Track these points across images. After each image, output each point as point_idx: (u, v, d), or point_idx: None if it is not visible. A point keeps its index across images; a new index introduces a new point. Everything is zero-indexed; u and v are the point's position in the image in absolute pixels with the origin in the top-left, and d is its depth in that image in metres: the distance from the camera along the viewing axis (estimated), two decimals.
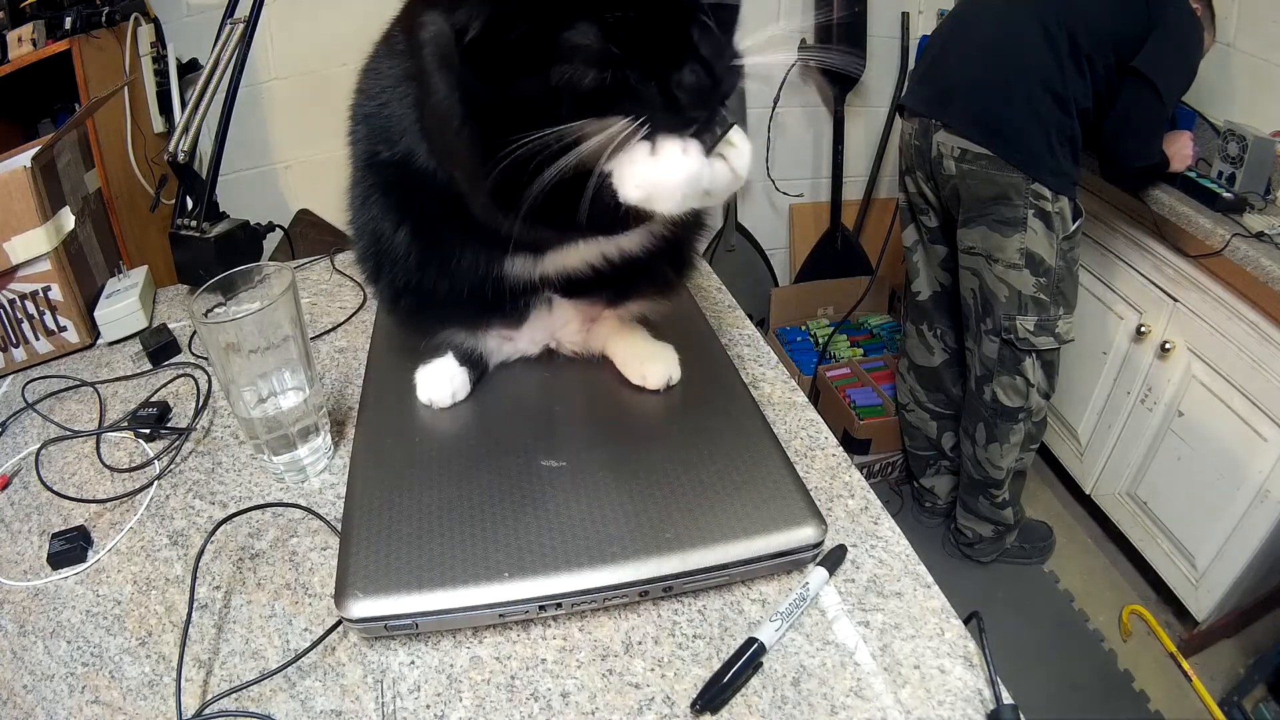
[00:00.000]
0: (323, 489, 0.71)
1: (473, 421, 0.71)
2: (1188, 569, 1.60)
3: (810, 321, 2.45)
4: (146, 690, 0.55)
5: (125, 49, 1.57)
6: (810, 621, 0.57)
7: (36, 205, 0.87)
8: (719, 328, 0.88)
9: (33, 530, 0.70)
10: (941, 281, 1.75)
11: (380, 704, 0.53)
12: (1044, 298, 1.49)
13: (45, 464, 0.77)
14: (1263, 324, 1.37)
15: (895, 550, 0.63)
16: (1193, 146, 1.51)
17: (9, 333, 0.91)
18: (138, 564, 0.65)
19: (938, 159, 1.54)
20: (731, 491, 0.61)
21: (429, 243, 0.63)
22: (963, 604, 0.58)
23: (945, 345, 1.80)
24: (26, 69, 1.37)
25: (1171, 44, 1.37)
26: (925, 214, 1.69)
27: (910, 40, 2.24)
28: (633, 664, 0.55)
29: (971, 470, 1.74)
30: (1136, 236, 1.65)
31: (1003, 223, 1.47)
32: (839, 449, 0.73)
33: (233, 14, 1.06)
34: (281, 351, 0.66)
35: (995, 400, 1.61)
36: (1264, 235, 1.36)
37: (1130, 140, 1.45)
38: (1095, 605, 1.78)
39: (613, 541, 0.57)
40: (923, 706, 0.51)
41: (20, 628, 0.61)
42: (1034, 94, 1.40)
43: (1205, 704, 1.51)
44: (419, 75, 0.52)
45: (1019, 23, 1.42)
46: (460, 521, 0.59)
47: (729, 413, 0.69)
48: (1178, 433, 1.59)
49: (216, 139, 1.09)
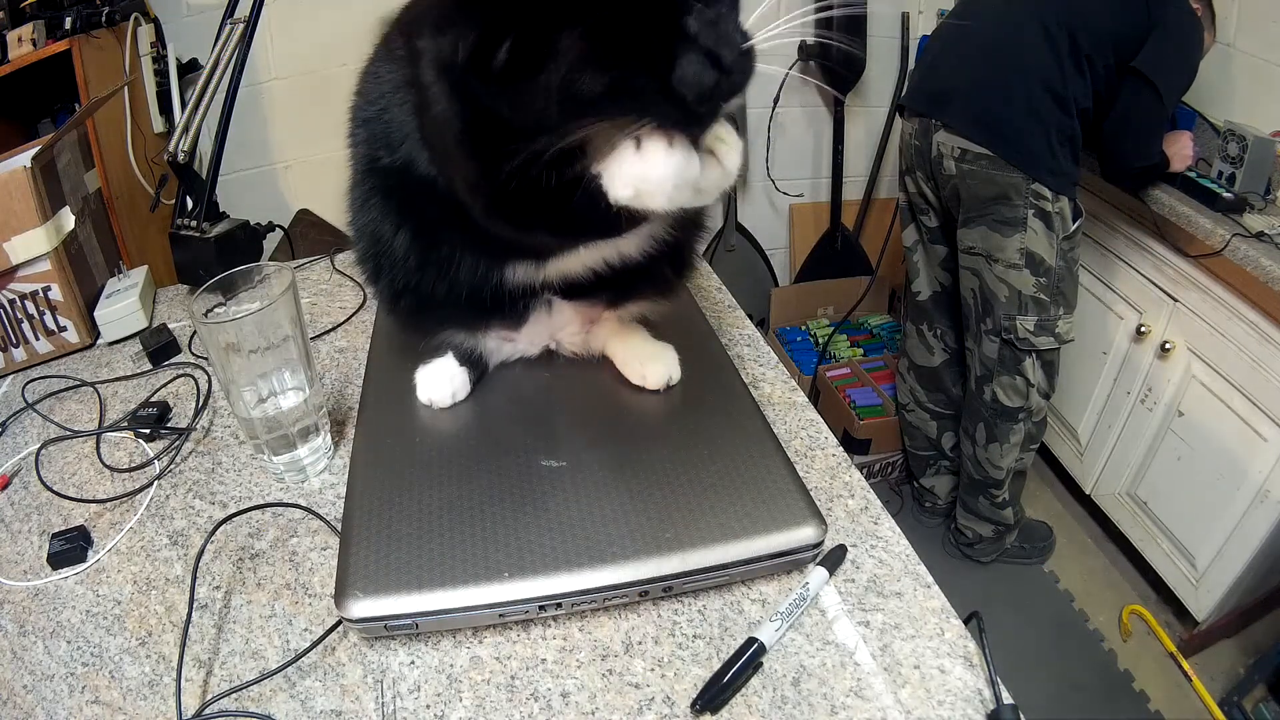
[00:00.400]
0: (323, 489, 0.71)
1: (473, 421, 0.71)
2: (1188, 569, 1.60)
3: (810, 321, 2.45)
4: (146, 690, 0.55)
5: (125, 49, 1.57)
6: (810, 621, 0.57)
7: (36, 205, 0.87)
8: (719, 328, 0.88)
9: (33, 530, 0.70)
10: (941, 281, 1.75)
11: (380, 704, 0.53)
12: (1044, 298, 1.49)
13: (45, 464, 0.77)
14: (1263, 324, 1.37)
15: (895, 550, 0.63)
16: (1193, 146, 1.51)
17: (9, 333, 0.91)
18: (138, 564, 0.65)
19: (938, 159, 1.54)
20: (731, 491, 0.60)
21: (428, 246, 0.63)
22: (963, 604, 0.58)
23: (945, 345, 1.80)
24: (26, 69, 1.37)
25: (1172, 44, 1.37)
26: (925, 214, 1.69)
27: (910, 40, 2.24)
28: (633, 664, 0.55)
29: (971, 470, 1.74)
30: (1136, 236, 1.65)
31: (1003, 223, 1.47)
32: (839, 449, 0.73)
33: (233, 14, 1.06)
34: (281, 351, 0.66)
35: (995, 400, 1.61)
36: (1264, 235, 1.36)
37: (1130, 140, 1.45)
38: (1095, 605, 1.78)
39: (613, 541, 0.57)
40: (923, 706, 0.51)
41: (20, 628, 0.61)
42: (1034, 94, 1.40)
43: (1205, 704, 1.51)
44: (418, 85, 0.52)
45: (1019, 23, 1.42)
46: (460, 521, 0.59)
47: (729, 413, 0.69)
48: (1178, 433, 1.59)
49: (216, 139, 1.09)
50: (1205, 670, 1.58)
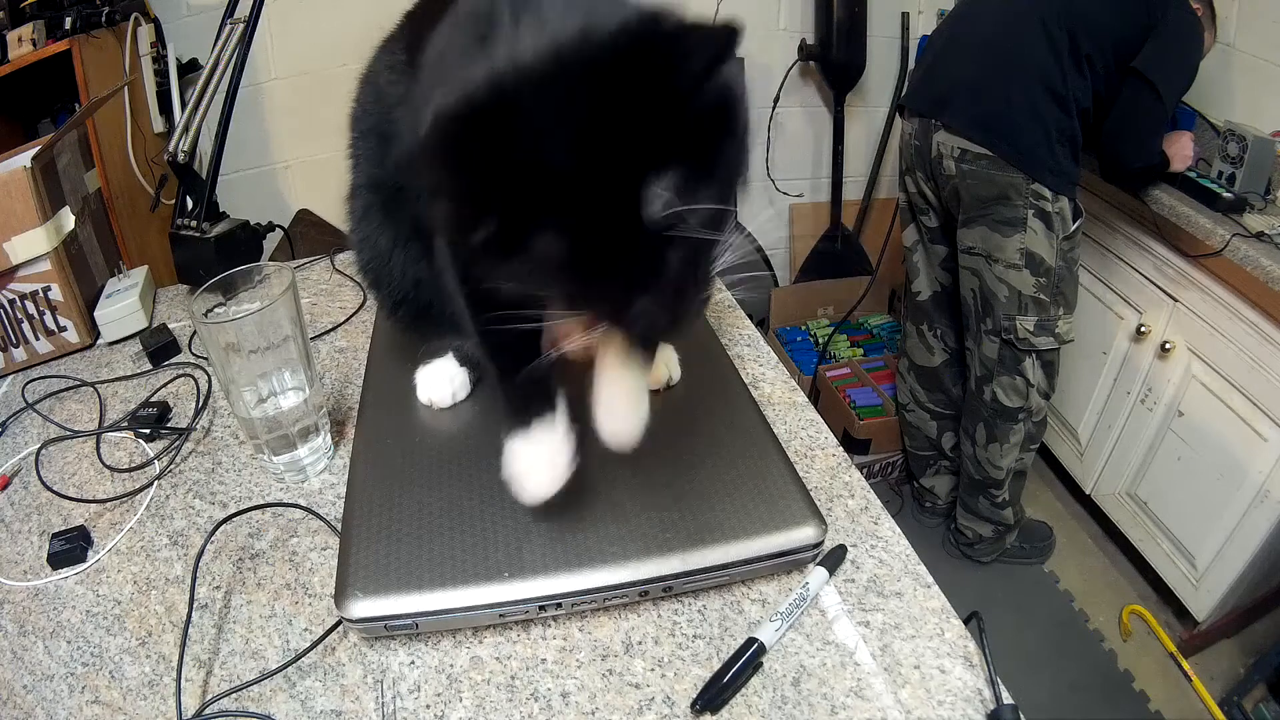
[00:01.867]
0: (323, 489, 0.71)
1: (473, 421, 0.71)
2: (1188, 569, 1.60)
3: (810, 321, 2.45)
4: (146, 690, 0.55)
5: (125, 49, 1.57)
6: (810, 621, 0.57)
7: (36, 205, 0.87)
8: (719, 328, 0.88)
9: (33, 530, 0.70)
10: (942, 281, 1.75)
11: (380, 704, 0.53)
12: (1044, 298, 1.49)
13: (45, 464, 0.77)
14: (1263, 324, 1.37)
15: (895, 550, 0.63)
16: (1193, 146, 1.51)
17: (9, 333, 0.91)
18: (138, 564, 0.65)
19: (937, 159, 1.54)
20: (731, 491, 0.60)
21: (425, 269, 0.63)
22: (963, 604, 0.58)
23: (945, 345, 1.80)
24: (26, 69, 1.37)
25: (1172, 45, 1.37)
26: (925, 214, 1.69)
27: (910, 40, 2.24)
28: (633, 664, 0.55)
29: (971, 470, 1.74)
30: (1136, 236, 1.65)
31: (1003, 223, 1.47)
32: (839, 449, 0.73)
33: (233, 14, 1.06)
34: (281, 351, 0.66)
35: (995, 400, 1.61)
36: (1264, 235, 1.36)
37: (1129, 141, 1.45)
38: (1095, 605, 1.78)
39: (613, 541, 0.57)
40: (923, 706, 0.51)
41: (20, 628, 0.61)
42: (1034, 93, 1.40)
43: (1205, 704, 1.51)
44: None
45: (1019, 22, 1.42)
46: (460, 521, 0.59)
47: (729, 413, 0.69)
48: (1178, 433, 1.59)
49: (216, 139, 1.09)
50: (1205, 670, 1.58)
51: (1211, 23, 1.50)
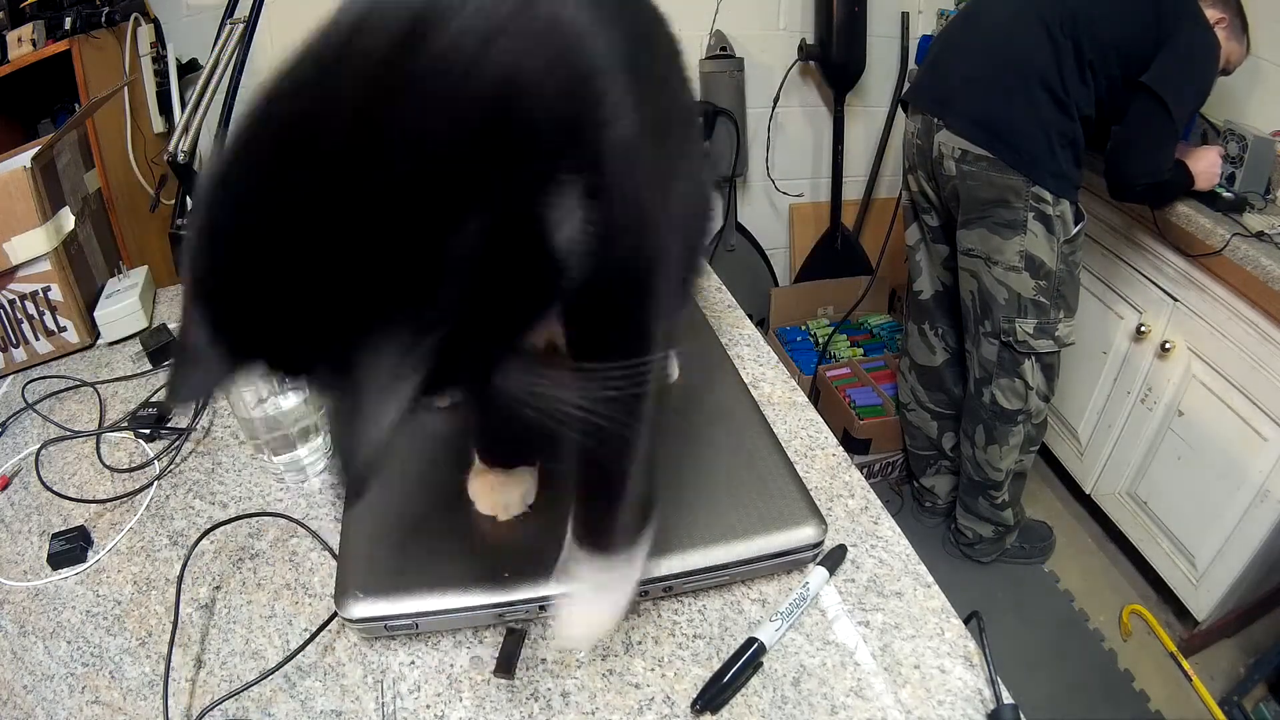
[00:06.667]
0: (322, 489, 0.71)
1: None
2: (1188, 569, 1.60)
3: (810, 321, 2.45)
4: (146, 690, 0.55)
5: (125, 49, 1.57)
6: (810, 621, 0.57)
7: (36, 205, 0.87)
8: (719, 328, 0.88)
9: (33, 530, 0.70)
10: (943, 281, 1.75)
11: (380, 704, 0.53)
12: (1044, 301, 1.49)
13: (45, 464, 0.77)
14: (1263, 324, 1.37)
15: (895, 550, 0.63)
16: (1221, 164, 1.45)
17: (9, 333, 0.91)
18: (138, 564, 0.65)
19: (939, 159, 1.54)
20: (731, 491, 0.60)
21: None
22: (963, 604, 0.58)
23: (947, 345, 1.80)
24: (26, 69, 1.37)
25: (1182, 61, 1.34)
26: (928, 213, 1.69)
27: (910, 40, 2.24)
28: (633, 664, 0.55)
29: (971, 471, 1.74)
30: (1136, 236, 1.64)
31: (1002, 225, 1.46)
32: (839, 449, 0.73)
33: (233, 14, 1.06)
34: None
35: (994, 402, 1.61)
36: (1264, 235, 1.36)
37: (1134, 155, 1.41)
38: (1095, 605, 1.78)
39: None
40: (923, 706, 0.51)
41: (20, 628, 0.61)
42: (1035, 96, 1.39)
43: (1205, 704, 1.51)
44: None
45: (1023, 25, 1.41)
46: (460, 522, 0.59)
47: (729, 413, 0.69)
48: (1178, 432, 1.59)
49: (216, 139, 1.09)
50: (1205, 670, 1.58)
51: (1242, 33, 1.45)
